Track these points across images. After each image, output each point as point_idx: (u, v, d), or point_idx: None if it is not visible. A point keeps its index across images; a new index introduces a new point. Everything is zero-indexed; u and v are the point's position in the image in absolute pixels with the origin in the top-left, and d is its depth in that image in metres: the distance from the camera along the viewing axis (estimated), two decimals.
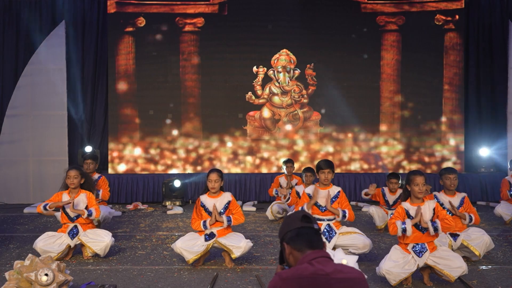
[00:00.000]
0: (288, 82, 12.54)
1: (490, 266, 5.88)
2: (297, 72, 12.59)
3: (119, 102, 12.06)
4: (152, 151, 12.10)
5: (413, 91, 12.20)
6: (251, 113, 12.59)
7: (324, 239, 5.79)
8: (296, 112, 12.63)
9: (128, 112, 12.12)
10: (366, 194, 8.18)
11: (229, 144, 12.35)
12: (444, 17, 12.15)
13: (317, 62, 12.45)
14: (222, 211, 6.00)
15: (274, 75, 12.64)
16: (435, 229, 5.05)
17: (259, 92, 12.57)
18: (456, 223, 5.88)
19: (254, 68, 12.49)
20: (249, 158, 12.29)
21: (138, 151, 12.05)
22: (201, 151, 12.25)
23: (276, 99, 12.61)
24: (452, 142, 12.00)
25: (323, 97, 12.49)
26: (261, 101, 12.62)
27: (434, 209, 5.19)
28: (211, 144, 12.32)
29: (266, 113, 12.65)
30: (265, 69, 12.54)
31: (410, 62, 12.21)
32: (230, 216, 6.00)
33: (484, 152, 11.50)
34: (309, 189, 6.19)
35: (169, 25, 12.25)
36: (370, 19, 12.29)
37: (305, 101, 12.57)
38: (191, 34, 12.36)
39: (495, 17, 12.11)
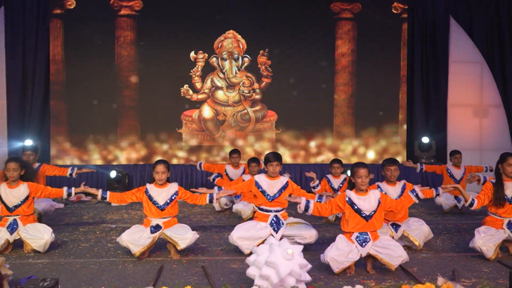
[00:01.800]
0: (236, 73, 11.17)
1: (429, 254, 6.08)
2: (247, 60, 11.23)
3: (54, 92, 11.32)
4: (87, 145, 11.40)
5: (369, 82, 11.73)
6: (188, 112, 11.07)
7: (271, 230, 5.89)
8: (245, 111, 11.13)
9: (61, 103, 11.27)
10: (314, 188, 8.25)
11: (163, 151, 11.12)
12: (401, 5, 11.79)
13: (272, 49, 11.28)
14: (168, 201, 5.96)
15: (218, 64, 11.08)
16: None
17: (198, 85, 11.09)
18: (398, 213, 6.09)
19: (192, 54, 11.05)
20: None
21: (76, 143, 11.39)
22: (121, 159, 11.22)
23: (220, 94, 11.05)
24: (399, 132, 12.04)
25: (280, 92, 11.28)
26: (200, 96, 11.05)
27: (379, 199, 5.32)
28: (140, 151, 11.15)
29: (207, 112, 10.92)
30: (206, 55, 11.08)
31: (366, 53, 11.63)
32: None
33: (425, 141, 11.84)
34: (258, 178, 6.20)
35: (102, 8, 11.19)
36: (324, 6, 11.57)
37: (258, 97, 11.20)
38: (128, 18, 11.25)
39: (439, 11, 12.41)
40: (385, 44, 11.84)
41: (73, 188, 6.42)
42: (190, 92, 11.10)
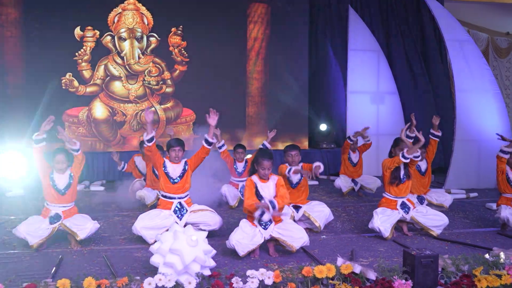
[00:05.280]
0: (139, 58, 9.41)
1: (330, 236, 6.32)
2: (155, 40, 9.42)
3: None
4: None
5: (280, 69, 11.17)
6: (72, 111, 8.89)
7: (175, 218, 5.86)
8: (153, 109, 9.09)
9: None
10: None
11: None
12: None
13: (188, 27, 9.49)
14: (68, 185, 5.76)
15: (114, 45, 9.11)
16: (273, 207, 5.27)
17: (87, 74, 9.03)
18: (298, 196, 6.40)
19: (77, 31, 8.87)
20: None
21: None
22: None
23: (117, 86, 9.05)
24: (301, 119, 12.06)
25: (199, 84, 9.54)
26: (90, 89, 8.98)
27: (276, 184, 5.43)
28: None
29: (99, 111, 8.79)
30: (97, 32, 9.01)
31: (278, 37, 10.87)
32: None
33: (323, 128, 12.24)
34: (166, 161, 6.15)
35: None
36: None
37: (169, 90, 9.45)
38: None
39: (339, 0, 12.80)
40: (293, 30, 11.62)
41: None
42: (75, 83, 8.93)
